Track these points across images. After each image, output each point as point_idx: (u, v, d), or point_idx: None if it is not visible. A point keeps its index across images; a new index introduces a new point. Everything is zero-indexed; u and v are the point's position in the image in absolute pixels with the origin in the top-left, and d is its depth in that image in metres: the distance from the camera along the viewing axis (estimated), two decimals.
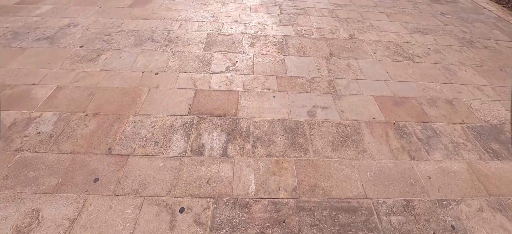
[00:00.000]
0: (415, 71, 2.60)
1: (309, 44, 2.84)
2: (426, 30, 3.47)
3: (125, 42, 2.69)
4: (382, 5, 4.09)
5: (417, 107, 2.15)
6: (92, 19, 3.11)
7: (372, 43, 2.99)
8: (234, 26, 3.09)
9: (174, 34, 2.85)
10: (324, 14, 3.58)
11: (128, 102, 1.97)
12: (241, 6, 3.62)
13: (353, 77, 2.41)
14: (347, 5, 3.94)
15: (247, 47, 2.70)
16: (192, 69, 2.34)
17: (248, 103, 2.01)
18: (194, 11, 3.39)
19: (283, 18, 3.37)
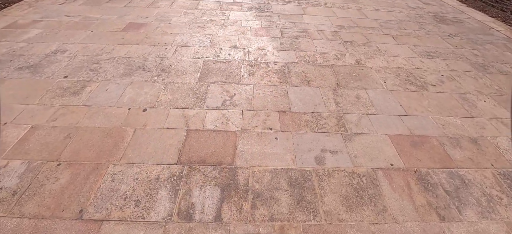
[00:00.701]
0: (431, 102, 2.35)
1: (314, 72, 2.60)
2: (436, 53, 3.25)
3: (113, 71, 2.46)
4: (387, 26, 3.90)
5: (438, 148, 1.88)
6: (82, 44, 2.90)
7: (380, 70, 2.76)
8: (233, 51, 2.87)
9: (167, 62, 2.63)
10: (327, 37, 3.37)
11: (109, 147, 1.71)
12: (240, 29, 3.42)
13: (364, 111, 2.15)
14: (351, 27, 3.74)
15: (246, 77, 2.46)
16: (184, 104, 2.09)
17: (247, 147, 1.74)
18: (191, 35, 3.19)
19: (285, 42, 3.16)
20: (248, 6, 4.22)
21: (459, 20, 4.53)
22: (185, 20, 3.57)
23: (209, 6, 4.15)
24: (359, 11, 4.40)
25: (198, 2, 4.26)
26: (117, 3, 4.09)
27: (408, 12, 4.65)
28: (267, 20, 3.76)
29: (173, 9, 3.92)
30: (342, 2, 4.78)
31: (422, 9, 4.89)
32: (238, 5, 4.25)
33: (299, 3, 4.55)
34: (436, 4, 5.31)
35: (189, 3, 4.21)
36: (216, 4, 4.21)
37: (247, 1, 4.46)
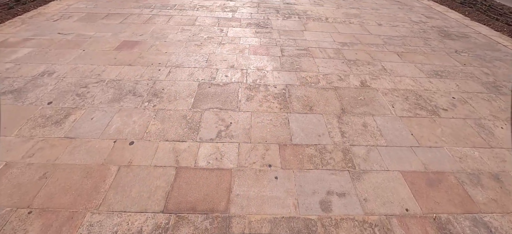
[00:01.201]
0: (444, 130, 2.15)
1: (316, 96, 2.42)
2: (444, 72, 3.07)
3: (101, 96, 2.28)
4: (391, 43, 3.75)
5: (457, 187, 1.67)
6: (71, 65, 2.74)
7: (387, 92, 2.57)
8: (230, 73, 2.70)
9: (160, 85, 2.45)
10: (330, 56, 3.21)
11: (88, 190, 1.51)
12: (238, 47, 3.26)
13: (373, 142, 1.95)
14: (354, 44, 3.59)
15: (244, 102, 2.28)
16: (175, 135, 1.90)
17: (244, 190, 1.54)
18: (187, 54, 3.03)
19: (285, 61, 3.00)
20: (247, 22, 4.09)
21: (464, 34, 4.38)
22: (181, 38, 3.42)
23: (207, 22, 4.02)
24: (361, 27, 4.26)
25: (196, 18, 4.14)
26: (113, 19, 3.97)
27: (411, 26, 4.51)
28: (266, 37, 3.61)
29: (169, 26, 3.79)
30: (343, 17, 4.65)
31: (426, 23, 4.76)
32: (237, 21, 4.12)
33: (299, 18, 4.42)
34: (439, 18, 5.18)
35: (187, 19, 4.08)
36: (214, 20, 4.08)
37: (246, 16, 4.33)
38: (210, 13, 4.40)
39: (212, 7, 4.68)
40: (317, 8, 5.04)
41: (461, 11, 5.82)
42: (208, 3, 4.87)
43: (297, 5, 5.14)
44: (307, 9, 4.92)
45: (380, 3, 5.78)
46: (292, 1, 5.39)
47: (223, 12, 4.45)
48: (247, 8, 4.76)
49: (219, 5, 4.82)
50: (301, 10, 4.83)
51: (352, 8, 5.20)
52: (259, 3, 5.07)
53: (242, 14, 4.42)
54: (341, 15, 4.76)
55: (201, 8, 4.59)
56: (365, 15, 4.87)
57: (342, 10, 5.05)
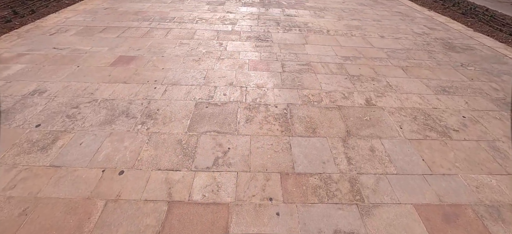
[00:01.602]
0: (458, 155, 2.00)
1: (320, 117, 2.29)
2: (452, 88, 2.94)
3: (93, 118, 2.16)
4: (395, 56, 3.64)
5: (477, 223, 1.52)
6: (64, 83, 2.63)
7: (394, 112, 2.44)
8: (229, 91, 2.58)
9: (155, 105, 2.33)
10: (332, 71, 3.09)
11: (70, 229, 1.36)
12: (237, 62, 3.15)
13: (382, 170, 1.81)
14: (357, 58, 3.48)
15: (243, 124, 2.14)
16: (169, 163, 1.76)
17: (242, 229, 1.39)
18: (184, 71, 2.92)
19: (286, 78, 2.88)
20: (247, 35, 4.00)
21: (469, 47, 4.27)
22: (179, 53, 3.32)
23: (206, 35, 3.93)
24: (363, 39, 4.16)
25: (195, 31, 4.05)
26: (110, 33, 3.89)
27: (414, 39, 4.41)
28: (267, 51, 3.51)
29: (168, 40, 3.70)
30: (345, 29, 4.56)
31: (429, 35, 4.66)
32: (236, 34, 4.03)
33: (300, 31, 4.33)
34: (442, 29, 5.09)
35: (185, 32, 3.99)
36: (213, 34, 3.99)
37: (246, 29, 4.25)
38: (209, 26, 4.32)
39: (211, 20, 4.61)
40: (318, 20, 4.97)
41: (464, 22, 5.74)
42: (208, 16, 4.81)
43: (297, 17, 5.07)
44: (308, 21, 4.84)
45: (381, 14, 5.71)
46: (293, 13, 5.32)
47: (222, 25, 4.37)
48: (247, 20, 4.69)
49: (218, 17, 4.75)
50: (301, 22, 4.75)
51: (353, 20, 5.12)
52: (259, 15, 5.01)
53: (241, 27, 4.34)
54: (343, 27, 4.67)
55: (200, 21, 4.51)
56: (367, 27, 4.79)
57: (344, 22, 4.97)
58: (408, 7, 6.56)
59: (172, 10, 5.09)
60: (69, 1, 5.59)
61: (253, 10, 5.30)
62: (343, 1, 6.61)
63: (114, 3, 5.47)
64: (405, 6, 6.70)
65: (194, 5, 5.45)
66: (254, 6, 5.60)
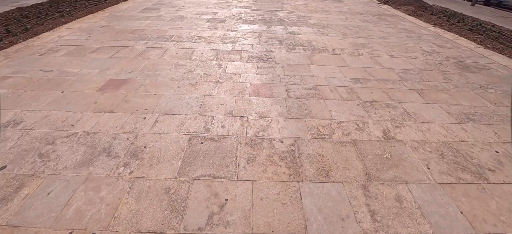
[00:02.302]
0: (500, 204, 1.65)
1: (333, 155, 1.95)
2: (476, 115, 2.62)
3: (69, 157, 1.83)
4: (407, 78, 3.34)
5: None
6: (44, 112, 2.33)
7: (418, 147, 2.11)
8: (227, 122, 2.27)
9: (142, 141, 2.01)
10: (342, 96, 2.78)
11: None
12: (238, 86, 2.86)
13: (414, 229, 1.45)
14: (367, 80, 3.18)
15: (244, 166, 1.81)
16: (152, 222, 1.42)
17: None
18: (178, 97, 2.62)
19: (292, 105, 2.57)
20: (248, 55, 3.74)
21: (483, 66, 3.99)
22: (175, 76, 3.04)
23: (204, 55, 3.67)
24: (371, 59, 3.89)
25: (193, 51, 3.80)
26: (103, 53, 3.64)
27: (425, 57, 4.14)
28: (269, 73, 3.22)
29: (163, 60, 3.43)
30: (351, 48, 4.31)
31: (439, 53, 4.40)
32: (237, 54, 3.77)
33: (304, 50, 4.08)
34: (452, 46, 4.84)
35: (183, 52, 3.74)
36: (212, 54, 3.73)
37: (247, 48, 4.00)
38: (208, 45, 4.08)
39: (211, 38, 4.38)
40: (322, 38, 4.73)
41: (472, 39, 5.50)
42: (207, 34, 4.58)
43: (300, 35, 4.84)
44: (311, 39, 4.60)
45: (387, 31, 5.50)
46: (296, 30, 5.10)
47: (222, 44, 4.12)
48: (248, 38, 4.45)
49: (218, 36, 4.52)
50: (305, 41, 4.51)
51: (358, 38, 4.89)
52: (261, 33, 4.78)
53: (242, 46, 4.09)
54: (349, 45, 4.42)
55: (199, 40, 4.28)
56: (374, 45, 4.54)
57: (349, 40, 4.73)
58: (413, 24, 6.36)
59: (171, 28, 4.88)
60: (66, 18, 5.41)
61: (254, 28, 5.09)
62: (346, 18, 6.43)
63: (112, 21, 5.29)
64: (409, 22, 6.51)
65: (194, 23, 5.25)
66: (256, 24, 5.40)
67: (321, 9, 7.37)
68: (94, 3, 6.92)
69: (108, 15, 5.73)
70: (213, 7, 6.77)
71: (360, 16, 6.80)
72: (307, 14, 6.60)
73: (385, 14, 7.30)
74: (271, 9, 6.87)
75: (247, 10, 6.69)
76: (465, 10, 9.14)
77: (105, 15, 5.73)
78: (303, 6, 7.55)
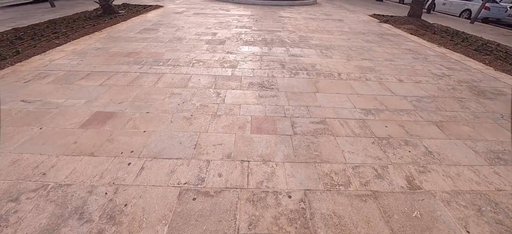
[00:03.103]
0: None
1: (352, 214, 1.61)
2: (505, 153, 2.30)
3: (31, 222, 1.49)
4: (422, 107, 3.05)
5: None
6: (14, 155, 2.00)
7: (450, 200, 1.77)
8: (225, 168, 1.94)
9: (123, 196, 1.67)
10: (354, 131, 2.48)
11: None
12: (238, 121, 2.56)
13: None
14: (380, 111, 2.89)
15: (245, 232, 1.47)
16: None
17: None
18: (170, 135, 2.30)
19: (299, 144, 2.25)
20: (249, 81, 3.47)
21: (499, 91, 3.72)
22: (168, 107, 2.74)
23: (202, 82, 3.39)
24: (380, 84, 3.62)
25: (190, 77, 3.53)
26: (93, 80, 3.37)
27: (436, 82, 3.88)
28: (272, 103, 2.93)
29: (157, 89, 3.15)
30: (357, 72, 4.05)
31: (450, 77, 4.14)
32: (237, 80, 3.50)
33: (308, 75, 3.82)
34: (461, 68, 4.60)
35: (179, 78, 3.47)
36: (210, 80, 3.46)
37: (247, 73, 3.74)
38: (206, 69, 3.82)
39: (209, 62, 4.13)
40: (326, 60, 4.50)
41: (480, 60, 5.27)
42: (206, 57, 4.34)
43: (303, 57, 4.61)
44: (315, 63, 4.36)
45: (391, 52, 5.28)
46: (298, 52, 4.88)
47: (221, 69, 3.87)
48: (249, 62, 4.21)
49: (218, 59, 4.28)
50: (309, 64, 4.27)
51: (364, 60, 4.65)
52: (262, 56, 4.55)
53: (243, 70, 3.84)
54: (354, 69, 4.17)
55: (197, 64, 4.03)
56: (381, 68, 4.29)
57: (354, 62, 4.50)
58: (417, 44, 6.18)
59: (168, 50, 4.66)
60: (61, 40, 5.21)
61: (255, 50, 4.87)
62: (348, 38, 6.26)
63: (108, 42, 5.08)
64: (413, 42, 6.34)
65: (192, 45, 5.04)
66: (256, 45, 5.19)
67: (322, 28, 7.23)
68: (93, 23, 6.77)
69: (105, 36, 5.54)
70: (213, 28, 6.62)
71: (362, 36, 6.64)
72: (309, 34, 6.44)
73: (387, 33, 7.15)
74: (272, 29, 6.72)
75: (248, 30, 6.53)
76: (466, 28, 9.05)
77: (102, 36, 5.54)
78: (304, 26, 7.42)
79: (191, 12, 8.96)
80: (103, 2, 8.00)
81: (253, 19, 8.14)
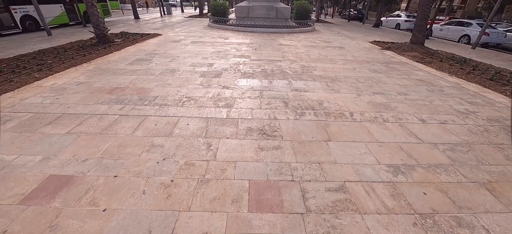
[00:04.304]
0: None
1: None
2: None
3: None
4: (460, 160, 2.45)
5: None
6: None
7: None
8: None
9: None
10: (386, 204, 1.85)
11: None
12: (232, 189, 1.93)
13: None
14: (411, 168, 2.28)
15: None
16: None
17: None
18: (138, 220, 1.67)
19: (315, 230, 1.62)
20: (247, 126, 2.90)
21: None
22: (143, 168, 2.14)
23: (191, 127, 2.82)
24: (402, 127, 3.06)
25: (176, 121, 2.97)
26: (62, 125, 2.79)
27: (463, 121, 3.32)
28: (276, 158, 2.33)
29: (135, 138, 2.57)
30: (372, 109, 3.51)
31: (476, 114, 3.59)
32: (232, 124, 2.93)
33: (316, 115, 3.26)
34: (484, 103, 4.07)
35: (164, 123, 2.90)
36: (201, 125, 2.89)
37: (245, 115, 3.18)
38: (198, 110, 3.27)
39: (202, 100, 3.60)
40: (334, 96, 3.98)
41: (500, 91, 4.77)
42: (199, 94, 3.82)
43: (308, 92, 4.10)
44: (322, 99, 3.83)
45: (402, 84, 4.80)
46: (302, 86, 4.38)
47: (215, 109, 3.32)
48: (247, 99, 3.68)
49: (212, 96, 3.76)
50: (315, 101, 3.74)
51: (375, 94, 4.14)
52: (262, 91, 4.03)
53: (240, 111, 3.29)
54: (367, 106, 3.63)
55: (188, 102, 3.49)
56: (396, 104, 3.76)
57: (365, 97, 3.97)
58: (426, 73, 5.74)
59: (158, 85, 4.15)
60: (42, 74, 4.73)
61: (254, 84, 4.37)
62: (353, 68, 5.83)
63: (93, 76, 4.60)
64: (422, 71, 5.91)
65: (185, 78, 4.56)
66: (256, 78, 4.71)
67: (324, 57, 6.86)
68: (84, 53, 6.39)
69: (92, 69, 5.09)
70: (210, 58, 6.22)
71: (368, 65, 6.23)
72: (311, 64, 6.02)
73: (393, 61, 6.76)
74: (271, 59, 6.32)
75: (246, 60, 6.13)
76: (470, 54, 8.76)
77: (89, 69, 5.09)
78: (305, 55, 7.06)
79: (189, 41, 8.69)
80: (98, 31, 7.73)
81: (252, 47, 7.82)
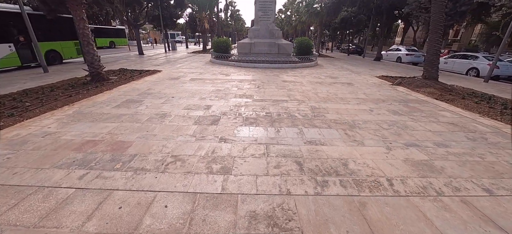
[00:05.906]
0: None
1: None
2: None
3: None
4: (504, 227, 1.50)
5: None
6: None
7: None
8: None
9: None
10: None
11: None
12: None
13: None
14: None
15: None
16: None
17: None
18: None
19: None
20: (250, 210, 2.00)
21: None
22: None
23: (169, 214, 1.93)
24: (466, 204, 2.12)
25: (153, 197, 2.09)
26: None
27: None
28: None
29: None
30: (414, 174, 2.61)
31: None
32: (228, 206, 2.04)
33: (344, 186, 2.37)
34: None
35: (133, 204, 2.02)
36: (183, 210, 2.00)
37: (247, 188, 2.29)
38: (183, 179, 2.41)
39: (191, 161, 2.75)
40: (359, 151, 3.12)
41: None
42: (188, 151, 2.98)
43: (326, 145, 3.26)
44: (345, 156, 2.98)
45: (435, 130, 3.96)
46: (316, 136, 3.56)
47: (207, 176, 2.46)
48: (250, 159, 2.83)
49: (204, 154, 2.92)
50: (337, 160, 2.88)
51: (409, 147, 3.28)
52: (268, 145, 3.20)
53: (240, 180, 2.42)
54: (406, 167, 2.75)
55: (172, 165, 2.64)
56: (441, 163, 2.88)
57: (399, 152, 3.11)
58: (454, 114, 4.95)
59: (140, 137, 3.36)
60: (8, 121, 3.98)
61: (258, 134, 3.56)
62: (370, 109, 5.07)
63: (68, 123, 3.85)
64: (447, 111, 5.12)
65: (176, 126, 3.78)
66: (260, 125, 3.92)
67: (334, 96, 6.16)
68: (70, 93, 5.77)
69: (72, 113, 4.37)
70: (208, 98, 5.54)
71: (384, 104, 5.49)
72: (322, 105, 5.28)
73: (410, 100, 6.03)
74: (276, 99, 5.62)
75: (248, 100, 5.43)
76: (485, 88, 8.11)
77: (68, 113, 4.37)
78: (313, 93, 6.38)
79: (188, 78, 8.17)
80: (92, 69, 7.25)
81: (254, 85, 7.21)
